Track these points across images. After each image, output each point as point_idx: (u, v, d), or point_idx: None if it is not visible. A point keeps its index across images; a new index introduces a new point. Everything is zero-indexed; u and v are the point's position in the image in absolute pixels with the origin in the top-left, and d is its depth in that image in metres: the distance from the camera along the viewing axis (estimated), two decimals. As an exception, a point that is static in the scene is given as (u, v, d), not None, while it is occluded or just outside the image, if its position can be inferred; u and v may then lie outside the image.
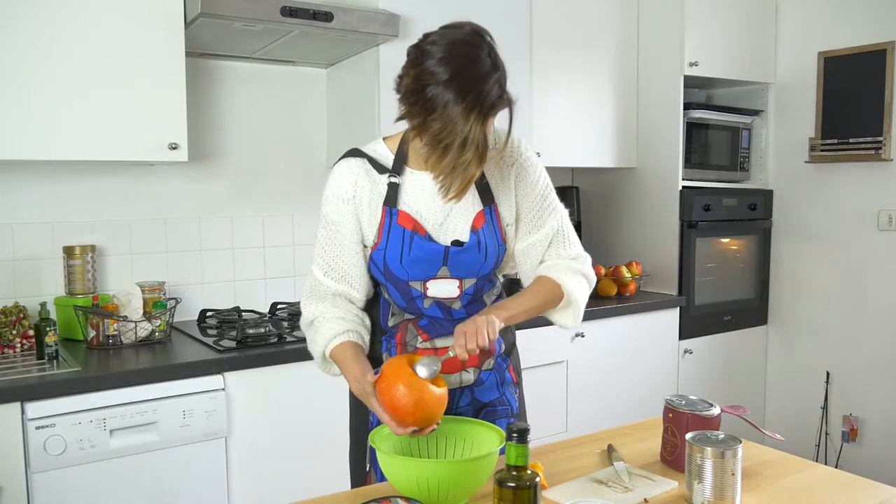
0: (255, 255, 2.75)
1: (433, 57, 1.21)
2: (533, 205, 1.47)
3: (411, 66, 1.25)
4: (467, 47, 1.23)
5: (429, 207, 1.40)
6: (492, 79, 1.22)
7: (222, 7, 2.07)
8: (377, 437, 1.27)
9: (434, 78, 1.20)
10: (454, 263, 1.39)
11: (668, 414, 1.40)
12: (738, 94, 3.51)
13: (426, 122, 1.21)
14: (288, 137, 2.77)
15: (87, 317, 2.17)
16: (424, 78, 1.21)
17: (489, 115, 1.22)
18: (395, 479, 1.18)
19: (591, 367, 2.86)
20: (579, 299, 1.47)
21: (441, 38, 1.25)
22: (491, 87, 1.21)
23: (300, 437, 2.16)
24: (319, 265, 1.45)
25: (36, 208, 2.33)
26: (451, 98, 1.18)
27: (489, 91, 1.21)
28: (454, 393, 1.47)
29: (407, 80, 1.25)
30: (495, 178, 1.44)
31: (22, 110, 1.96)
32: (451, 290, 1.41)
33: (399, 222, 1.38)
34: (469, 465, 1.16)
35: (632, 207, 3.33)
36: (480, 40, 1.25)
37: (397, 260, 1.38)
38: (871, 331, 3.12)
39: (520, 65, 2.84)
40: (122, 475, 1.88)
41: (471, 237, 1.40)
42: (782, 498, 1.25)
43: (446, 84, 1.19)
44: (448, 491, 1.13)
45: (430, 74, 1.20)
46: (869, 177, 3.08)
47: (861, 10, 3.06)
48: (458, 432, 1.34)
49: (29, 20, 1.96)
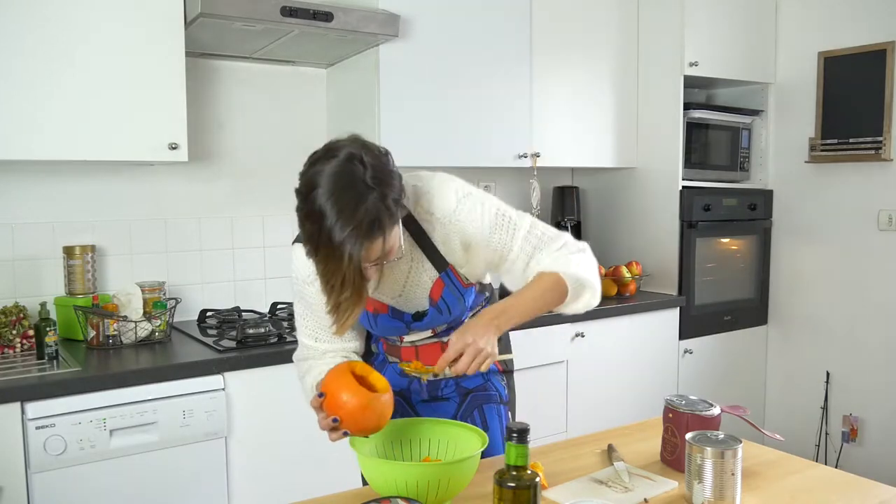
0: (255, 255, 2.75)
1: (318, 195, 1.14)
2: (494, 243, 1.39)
3: (300, 204, 1.19)
4: (345, 175, 1.15)
5: (385, 284, 1.40)
6: (368, 201, 1.14)
7: (222, 7, 2.07)
8: (357, 440, 1.26)
9: (319, 215, 1.14)
10: (422, 325, 1.45)
11: (668, 414, 1.40)
12: (738, 94, 3.51)
13: (315, 253, 1.18)
14: (288, 137, 2.77)
15: (87, 317, 2.17)
16: (311, 217, 1.15)
17: (369, 244, 1.15)
18: (375, 482, 1.17)
19: (591, 367, 2.86)
20: (588, 277, 1.39)
21: (321, 170, 1.16)
22: (366, 213, 1.13)
23: (300, 437, 2.15)
24: (308, 334, 1.43)
25: (36, 208, 2.33)
26: (334, 233, 1.13)
27: (361, 220, 1.13)
28: (439, 382, 1.52)
29: (302, 220, 1.19)
30: (439, 240, 1.38)
31: (22, 110, 1.96)
32: (426, 335, 1.48)
33: None
34: (449, 469, 1.15)
35: (632, 207, 3.33)
36: (355, 165, 1.16)
37: (368, 328, 1.48)
38: (871, 331, 3.12)
39: (520, 65, 2.85)
40: (122, 475, 1.88)
41: (430, 310, 1.42)
42: (782, 498, 1.25)
43: (327, 218, 1.13)
44: (427, 494, 1.13)
45: (317, 213, 1.14)
46: (869, 177, 3.08)
47: (861, 10, 3.06)
48: (440, 434, 1.34)
49: (29, 20, 1.96)
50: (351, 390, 1.22)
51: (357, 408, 1.21)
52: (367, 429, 1.24)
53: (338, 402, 1.22)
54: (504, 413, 1.55)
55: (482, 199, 1.38)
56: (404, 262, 1.38)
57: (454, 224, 1.35)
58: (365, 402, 1.22)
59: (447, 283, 1.40)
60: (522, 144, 2.87)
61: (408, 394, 1.57)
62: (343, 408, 1.21)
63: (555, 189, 3.40)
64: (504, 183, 3.25)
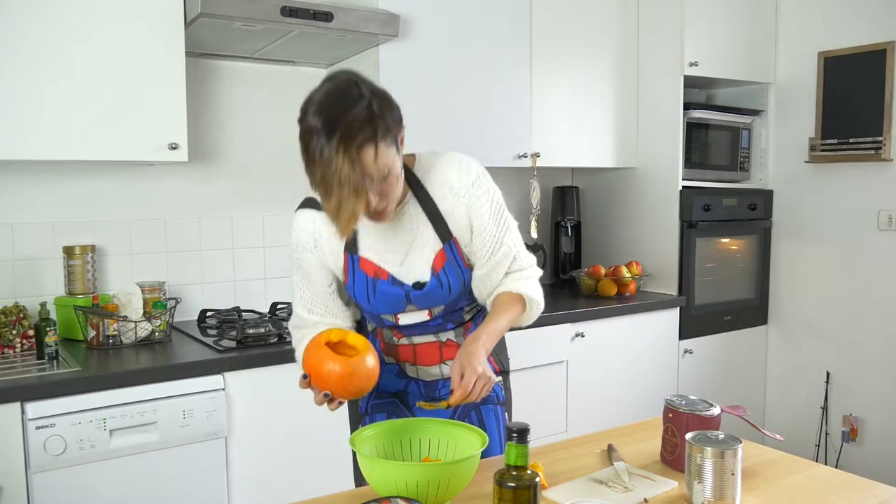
0: (255, 255, 2.75)
1: (309, 112, 1.23)
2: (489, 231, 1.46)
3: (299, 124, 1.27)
4: (337, 90, 1.24)
5: (388, 249, 1.43)
6: (358, 107, 1.21)
7: (222, 7, 2.07)
8: (357, 440, 1.26)
9: (310, 130, 1.22)
10: (420, 301, 1.45)
11: (668, 414, 1.40)
12: (738, 94, 3.50)
13: (313, 174, 1.23)
14: (288, 137, 2.72)
15: (87, 317, 2.17)
16: (305, 135, 1.23)
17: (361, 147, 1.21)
18: (374, 482, 1.17)
19: (591, 367, 2.86)
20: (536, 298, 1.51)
21: (316, 93, 1.26)
22: (356, 115, 1.21)
23: (300, 437, 2.16)
24: (302, 305, 1.49)
25: (36, 208, 2.33)
26: (323, 142, 1.20)
27: (353, 120, 1.20)
28: (437, 383, 1.52)
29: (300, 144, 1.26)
30: (447, 211, 1.44)
31: (22, 110, 1.96)
32: (422, 317, 1.47)
33: (361, 268, 1.43)
34: (449, 469, 1.14)
35: (632, 207, 3.33)
36: (351, 83, 1.26)
37: (364, 299, 1.45)
38: (871, 331, 3.12)
39: (520, 65, 2.85)
40: (122, 475, 1.88)
41: (431, 280, 1.43)
42: (782, 498, 1.25)
43: (318, 131, 1.20)
44: (427, 494, 1.12)
45: (307, 129, 1.22)
46: (869, 177, 3.08)
47: (861, 10, 3.06)
48: (440, 434, 1.34)
49: (29, 20, 1.96)
50: (331, 362, 1.24)
51: (343, 377, 1.24)
52: (360, 391, 1.28)
53: (323, 378, 1.25)
54: (501, 414, 1.55)
55: (495, 188, 1.48)
56: (409, 226, 1.42)
57: (468, 197, 1.42)
58: (349, 370, 1.24)
59: (449, 255, 1.43)
60: (522, 144, 2.87)
61: (405, 395, 1.57)
62: (329, 381, 1.25)
63: (555, 189, 3.40)
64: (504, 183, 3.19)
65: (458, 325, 1.52)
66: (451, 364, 1.47)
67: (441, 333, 1.51)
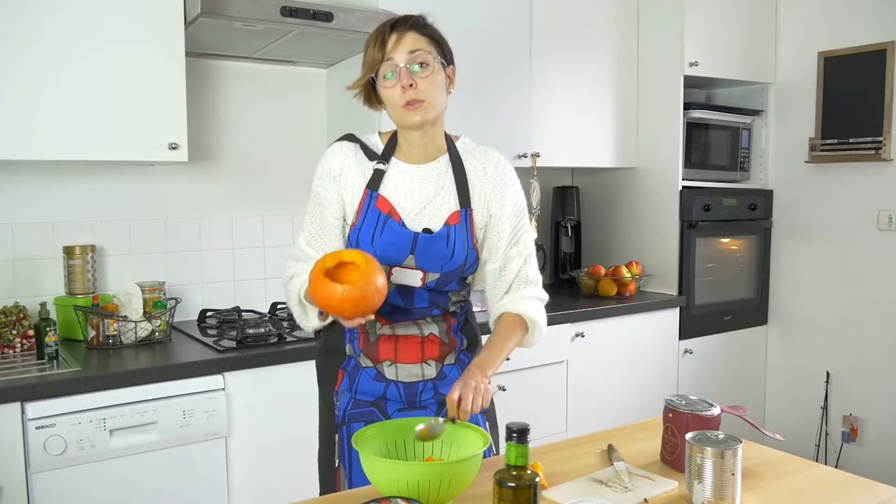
0: (255, 255, 2.75)
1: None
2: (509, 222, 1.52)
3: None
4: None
5: (407, 198, 1.48)
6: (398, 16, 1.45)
7: (222, 7, 2.08)
8: (360, 440, 1.26)
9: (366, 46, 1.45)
10: (421, 253, 1.44)
11: (668, 414, 1.40)
12: (738, 94, 3.51)
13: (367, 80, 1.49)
14: (288, 137, 2.77)
15: (87, 317, 2.17)
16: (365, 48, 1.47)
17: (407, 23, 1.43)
18: (377, 482, 1.17)
19: (591, 367, 2.86)
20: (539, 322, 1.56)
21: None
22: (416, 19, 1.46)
23: (300, 437, 2.15)
24: (304, 236, 1.54)
25: (36, 208, 2.33)
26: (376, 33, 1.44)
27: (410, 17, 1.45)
28: (417, 386, 1.50)
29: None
30: (474, 184, 1.52)
31: (22, 110, 1.96)
32: (414, 280, 1.47)
33: (377, 205, 1.46)
34: (451, 469, 1.14)
35: (632, 207, 3.33)
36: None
37: (368, 240, 1.45)
38: (871, 331, 3.12)
39: (520, 65, 2.85)
40: (122, 475, 1.88)
41: (441, 229, 1.46)
42: (782, 498, 1.25)
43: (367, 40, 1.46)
44: (429, 494, 1.12)
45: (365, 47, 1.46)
46: (869, 177, 3.08)
47: (861, 10, 3.06)
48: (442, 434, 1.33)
49: (28, 20, 1.96)
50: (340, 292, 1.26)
51: (357, 300, 1.26)
52: (377, 305, 1.30)
53: (337, 308, 1.28)
54: (482, 422, 1.49)
55: (522, 192, 1.58)
56: (436, 183, 1.49)
57: (496, 181, 1.52)
58: (359, 294, 1.27)
59: (463, 219, 1.48)
60: (522, 144, 2.87)
61: (384, 403, 1.51)
62: (345, 309, 1.27)
63: (555, 189, 3.40)
64: (504, 183, 3.24)
65: (442, 314, 1.51)
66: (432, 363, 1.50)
67: (424, 326, 1.49)
